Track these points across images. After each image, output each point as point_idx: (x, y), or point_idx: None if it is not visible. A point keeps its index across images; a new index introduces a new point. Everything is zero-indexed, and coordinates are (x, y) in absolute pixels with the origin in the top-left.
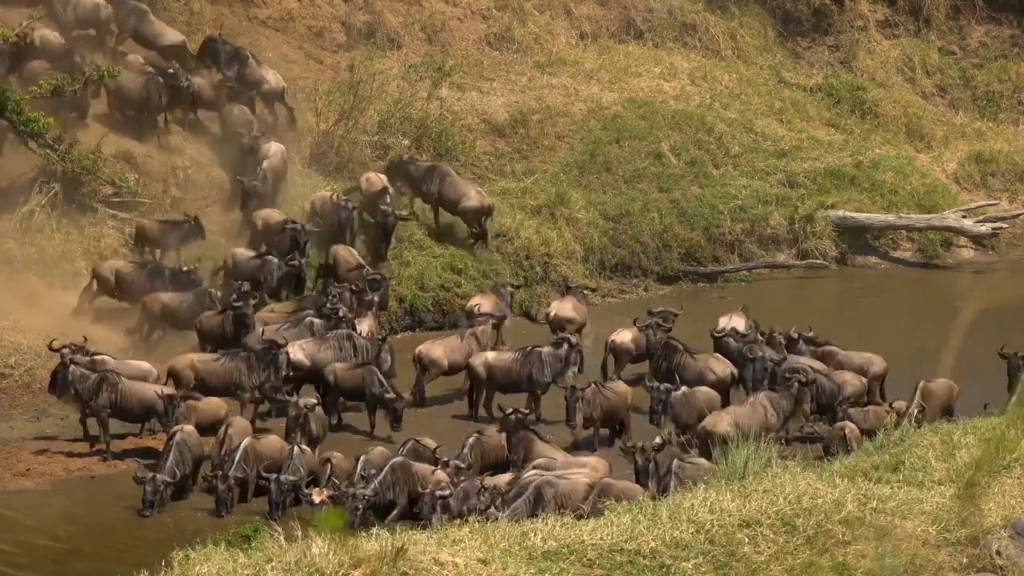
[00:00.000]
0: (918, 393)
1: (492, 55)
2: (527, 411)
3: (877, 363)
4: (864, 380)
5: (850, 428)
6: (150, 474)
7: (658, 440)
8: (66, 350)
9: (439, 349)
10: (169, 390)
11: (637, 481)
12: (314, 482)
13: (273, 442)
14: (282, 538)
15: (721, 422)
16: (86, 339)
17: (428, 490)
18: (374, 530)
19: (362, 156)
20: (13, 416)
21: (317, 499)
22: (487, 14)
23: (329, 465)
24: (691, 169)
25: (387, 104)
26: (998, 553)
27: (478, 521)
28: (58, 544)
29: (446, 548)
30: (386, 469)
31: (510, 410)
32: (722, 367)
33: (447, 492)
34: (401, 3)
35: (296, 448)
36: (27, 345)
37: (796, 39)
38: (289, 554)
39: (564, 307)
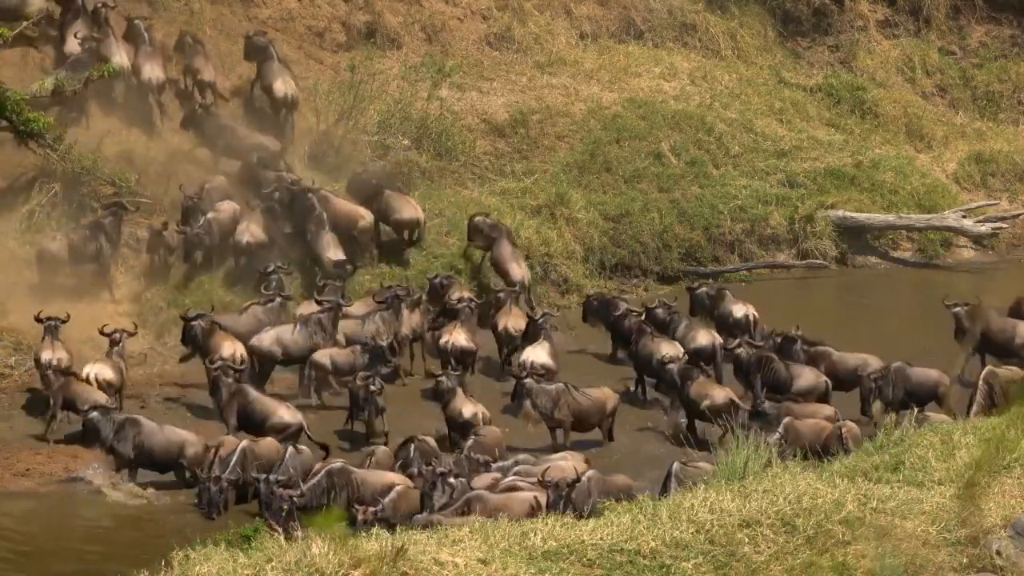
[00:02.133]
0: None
1: (492, 55)
2: (457, 371)
3: (873, 364)
4: (824, 381)
5: (848, 427)
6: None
7: (573, 476)
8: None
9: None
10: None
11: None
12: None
13: (270, 444)
14: (282, 538)
15: (610, 399)
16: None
17: (428, 467)
18: (374, 530)
19: (362, 156)
20: (13, 416)
21: None
22: (487, 14)
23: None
24: (691, 169)
25: (387, 104)
26: (998, 553)
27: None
28: (58, 544)
29: (446, 548)
30: (321, 474)
31: (440, 374)
32: (674, 351)
33: (446, 469)
34: (401, 3)
35: (291, 449)
36: (27, 345)
37: (796, 39)
38: (289, 554)
39: (517, 319)
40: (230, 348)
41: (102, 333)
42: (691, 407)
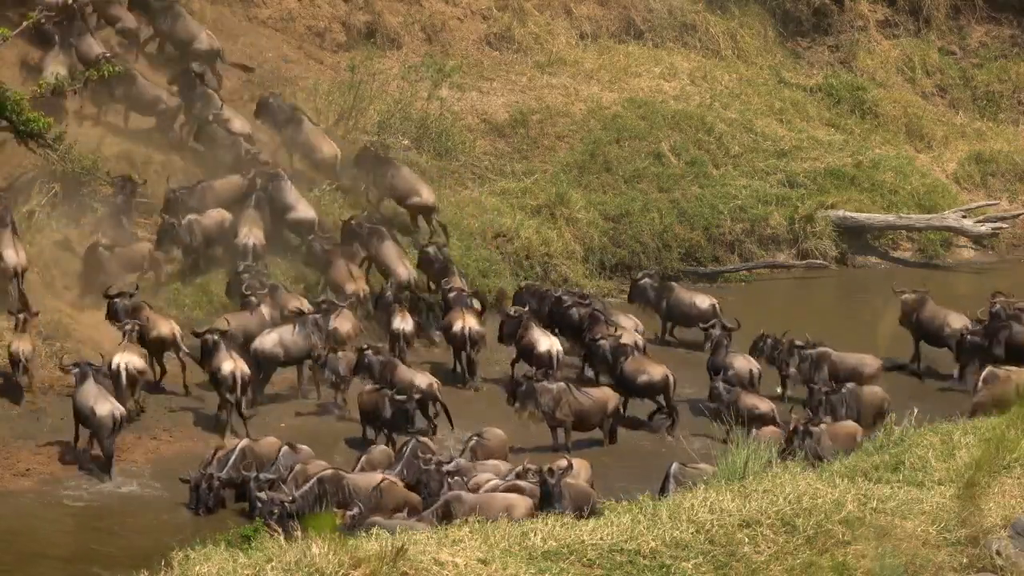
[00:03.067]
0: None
1: (492, 55)
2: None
3: (871, 364)
4: (757, 369)
5: (821, 427)
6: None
7: (564, 463)
8: None
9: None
10: None
11: (542, 505)
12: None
13: (271, 444)
14: (282, 538)
15: (611, 399)
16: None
17: (433, 465)
18: (374, 530)
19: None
20: (13, 416)
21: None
22: (487, 14)
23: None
24: (691, 169)
25: (387, 104)
26: (998, 553)
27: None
28: (57, 544)
29: (446, 548)
30: (312, 481)
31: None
32: (631, 336)
33: (452, 466)
34: (401, 3)
35: (285, 447)
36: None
37: (796, 39)
38: (289, 554)
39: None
40: (230, 365)
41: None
42: (626, 384)
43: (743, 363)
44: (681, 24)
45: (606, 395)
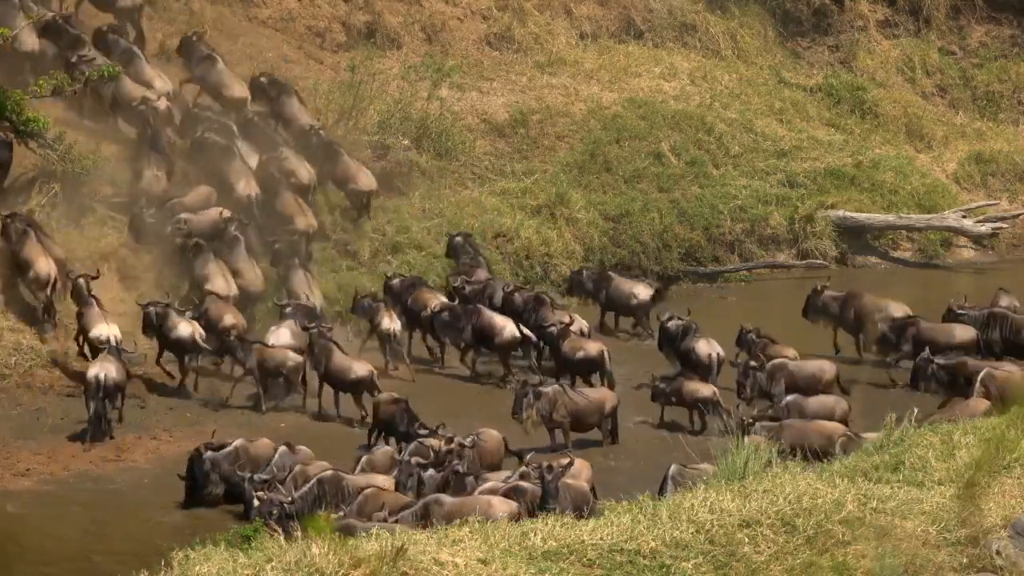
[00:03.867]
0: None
1: (492, 55)
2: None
3: (828, 370)
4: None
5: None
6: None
7: (564, 460)
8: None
9: None
10: None
11: (543, 502)
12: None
13: (266, 444)
14: (282, 538)
15: (608, 399)
16: None
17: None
18: (374, 529)
19: (362, 156)
20: (13, 416)
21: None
22: (487, 14)
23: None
24: (691, 169)
25: (387, 104)
26: (998, 553)
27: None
28: (57, 544)
29: (446, 548)
30: (312, 482)
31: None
32: (578, 323)
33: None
34: (401, 3)
35: (283, 448)
36: (27, 344)
37: (796, 39)
38: (289, 554)
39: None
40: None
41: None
42: (566, 362)
43: (705, 347)
44: (681, 24)
45: (603, 395)
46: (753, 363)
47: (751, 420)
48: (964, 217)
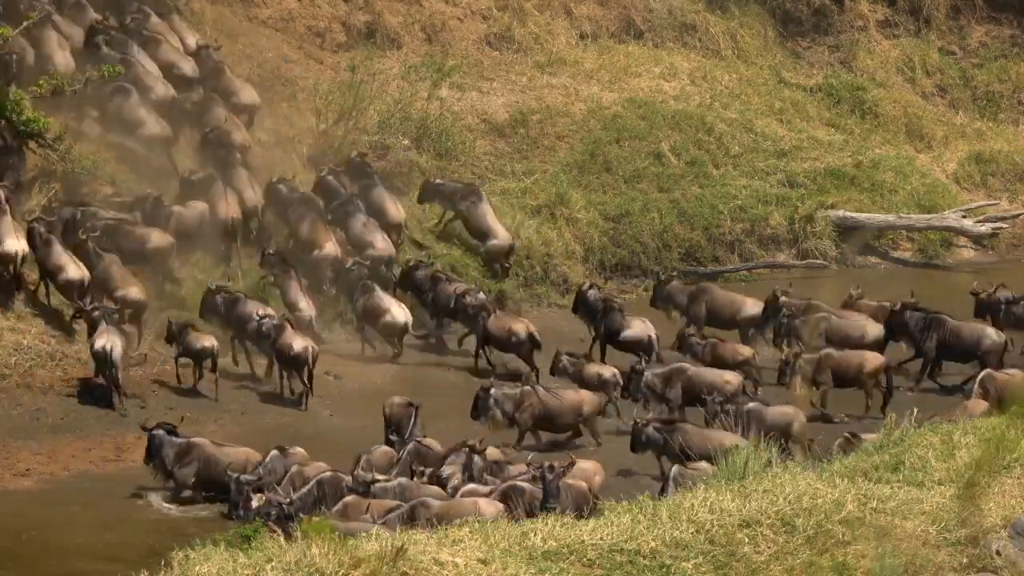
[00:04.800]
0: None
1: (492, 55)
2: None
3: (732, 381)
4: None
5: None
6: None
7: (568, 462)
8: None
9: None
10: None
11: (544, 502)
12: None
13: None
14: (282, 538)
15: (587, 401)
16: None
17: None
18: (374, 530)
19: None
20: (13, 416)
21: (255, 504)
22: (487, 14)
23: None
24: (691, 169)
25: (387, 104)
26: (998, 553)
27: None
28: (57, 544)
29: (446, 548)
30: (312, 483)
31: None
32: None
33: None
34: (401, 3)
35: (274, 451)
36: (27, 344)
37: (796, 39)
38: (289, 554)
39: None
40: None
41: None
42: (493, 339)
43: (640, 327)
44: (681, 24)
45: (580, 397)
46: (637, 366)
47: (645, 423)
48: (964, 217)
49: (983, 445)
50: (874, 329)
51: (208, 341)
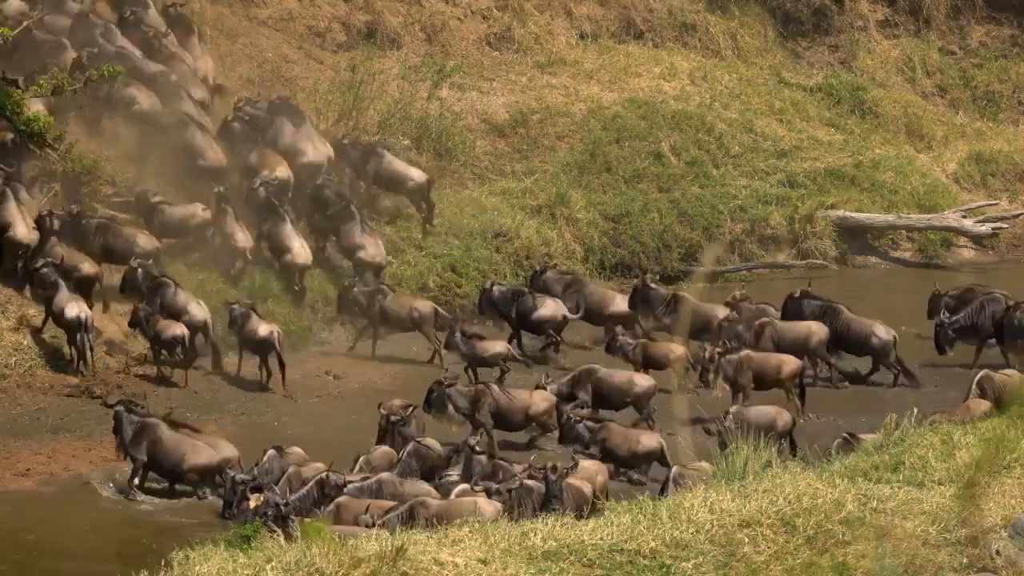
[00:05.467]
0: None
1: (492, 55)
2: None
3: (640, 383)
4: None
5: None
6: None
7: (572, 462)
8: None
9: None
10: None
11: (546, 502)
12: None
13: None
14: (282, 538)
15: (538, 401)
16: None
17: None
18: (374, 530)
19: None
20: (13, 416)
21: (252, 504)
22: (487, 14)
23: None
24: (691, 169)
25: (387, 104)
26: (998, 553)
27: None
28: (57, 544)
29: (446, 548)
30: (311, 484)
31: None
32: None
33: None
34: (401, 3)
35: (271, 451)
36: (27, 344)
37: (796, 39)
38: (289, 554)
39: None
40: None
41: None
42: (390, 320)
43: (552, 307)
44: (681, 24)
45: (534, 397)
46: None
47: (579, 419)
48: (964, 217)
49: (983, 445)
50: (819, 332)
51: (265, 329)
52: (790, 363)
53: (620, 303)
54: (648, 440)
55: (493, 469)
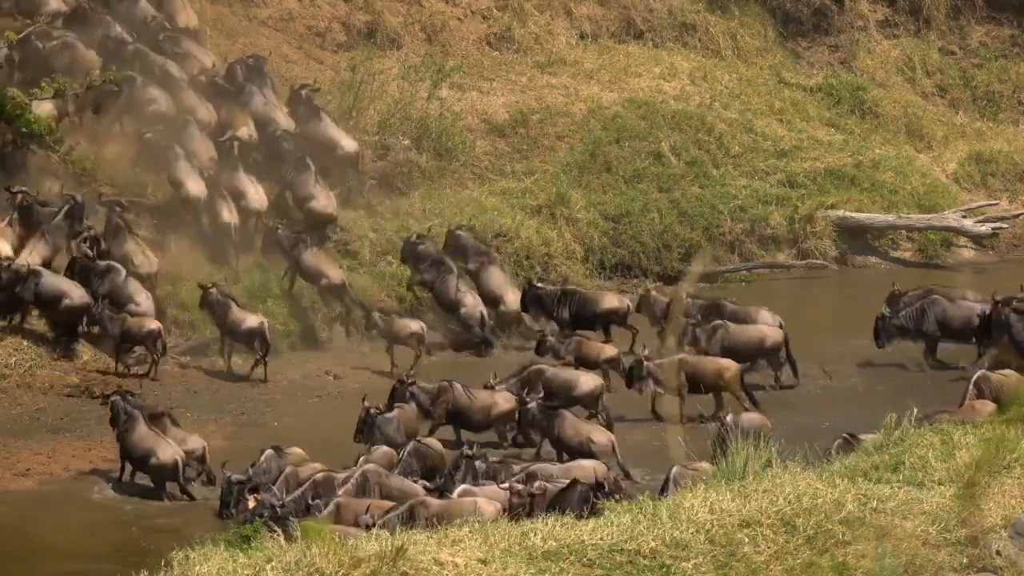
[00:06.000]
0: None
1: (492, 55)
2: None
3: (584, 382)
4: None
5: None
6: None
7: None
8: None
9: None
10: None
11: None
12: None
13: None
14: (282, 538)
15: (501, 402)
16: None
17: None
18: (374, 530)
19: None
20: (13, 416)
21: (251, 505)
22: (487, 14)
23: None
24: (691, 169)
25: (387, 104)
26: (998, 553)
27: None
28: (57, 543)
29: (446, 548)
30: (307, 484)
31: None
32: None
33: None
34: (401, 3)
35: (270, 451)
36: (27, 344)
37: (796, 39)
38: (289, 554)
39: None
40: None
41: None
42: (304, 272)
43: (472, 301)
44: (681, 24)
45: (495, 398)
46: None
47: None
48: (964, 217)
49: (983, 445)
50: (773, 335)
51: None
52: (728, 367)
53: (512, 300)
54: (597, 434)
55: (493, 471)
